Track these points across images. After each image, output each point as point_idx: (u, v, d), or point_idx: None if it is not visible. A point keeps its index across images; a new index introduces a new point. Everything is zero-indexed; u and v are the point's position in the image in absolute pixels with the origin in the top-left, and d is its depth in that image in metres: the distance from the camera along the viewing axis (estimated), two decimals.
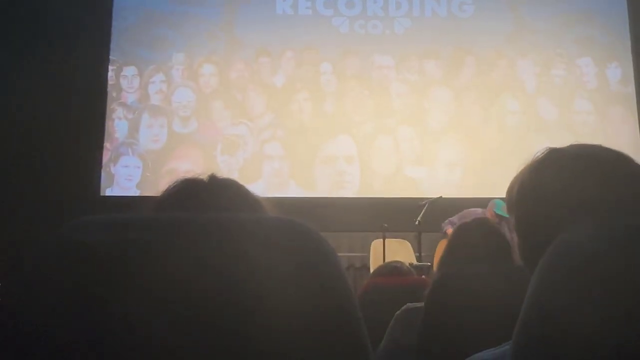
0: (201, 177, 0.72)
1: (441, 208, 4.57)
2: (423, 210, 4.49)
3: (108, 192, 5.35)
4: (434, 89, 5.58)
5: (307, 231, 0.41)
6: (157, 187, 5.33)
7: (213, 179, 0.72)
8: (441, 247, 4.40)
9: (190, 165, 5.15)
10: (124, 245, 0.39)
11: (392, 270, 1.94)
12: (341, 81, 5.60)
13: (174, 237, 0.40)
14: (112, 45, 5.56)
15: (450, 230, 4.20)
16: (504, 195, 0.80)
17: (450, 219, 4.38)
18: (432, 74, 5.61)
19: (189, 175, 0.73)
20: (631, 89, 5.55)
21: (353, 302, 0.40)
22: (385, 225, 4.57)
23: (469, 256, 1.33)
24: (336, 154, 5.48)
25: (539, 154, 0.75)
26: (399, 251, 4.62)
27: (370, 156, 5.47)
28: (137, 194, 5.38)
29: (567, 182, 0.67)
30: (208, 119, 5.55)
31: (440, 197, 4.56)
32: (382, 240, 4.59)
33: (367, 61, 5.60)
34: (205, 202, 0.68)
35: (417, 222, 4.44)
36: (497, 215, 4.17)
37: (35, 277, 0.38)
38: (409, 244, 4.90)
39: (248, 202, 0.70)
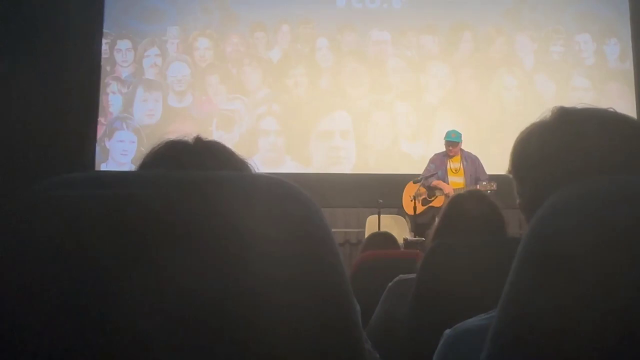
0: (186, 139, 0.71)
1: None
2: (418, 186, 4.49)
3: (103, 166, 5.34)
4: (431, 65, 5.54)
5: (293, 189, 0.39)
6: None
7: (198, 140, 0.70)
8: (408, 190, 4.57)
9: None
10: (105, 199, 0.37)
11: (381, 237, 1.94)
12: (337, 56, 5.56)
13: (159, 191, 0.38)
14: (106, 18, 5.48)
15: (436, 183, 4.40)
16: (502, 172, 0.79)
17: (426, 167, 4.54)
18: (430, 50, 5.56)
19: (174, 137, 0.71)
20: (629, 65, 5.51)
21: (338, 259, 0.39)
22: (381, 201, 4.61)
23: (463, 227, 1.33)
24: (332, 130, 5.47)
25: (547, 113, 0.73)
26: (394, 227, 4.65)
27: (366, 132, 5.47)
28: (132, 169, 5.35)
29: (579, 141, 0.65)
30: (203, 94, 5.52)
31: (437, 173, 4.56)
32: (377, 216, 4.62)
33: (364, 36, 5.56)
34: (190, 162, 0.67)
35: (411, 199, 4.46)
36: (448, 143, 4.43)
37: (8, 235, 0.36)
38: (403, 220, 4.93)
39: (234, 163, 0.69)
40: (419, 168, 5.12)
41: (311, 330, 0.36)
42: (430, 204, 4.51)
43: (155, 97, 5.52)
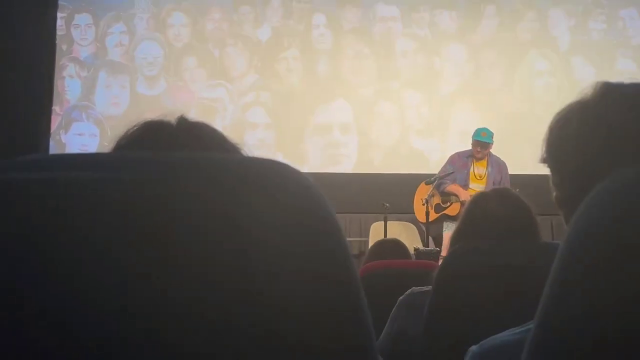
0: (168, 119, 0.71)
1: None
2: (432, 188, 4.48)
3: None
4: (447, 46, 5.54)
5: (295, 173, 0.40)
6: None
7: (183, 121, 0.71)
8: (420, 192, 4.56)
9: None
10: (64, 184, 0.38)
11: (390, 244, 1.94)
12: (337, 36, 5.56)
13: (134, 175, 0.38)
14: None
15: (452, 188, 4.38)
16: (530, 172, 0.78)
17: (443, 167, 4.50)
18: (446, 28, 5.56)
19: (152, 117, 0.72)
20: None
21: (346, 250, 0.40)
22: (387, 205, 4.59)
23: (487, 230, 1.33)
24: (330, 123, 5.47)
25: (588, 90, 0.74)
26: (403, 235, 4.65)
27: (370, 125, 5.47)
28: None
29: (627, 121, 0.66)
30: (179, 79, 5.53)
31: (452, 172, 4.55)
32: (383, 222, 4.61)
33: (368, 12, 5.56)
34: (173, 146, 0.67)
35: (423, 203, 4.45)
36: (477, 143, 4.39)
37: None
38: (414, 227, 4.94)
39: (225, 147, 0.70)
40: (431, 167, 5.10)
41: (316, 333, 0.37)
42: (444, 212, 4.51)
43: (121, 83, 5.51)
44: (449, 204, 4.53)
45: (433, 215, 4.48)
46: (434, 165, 5.13)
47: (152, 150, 0.66)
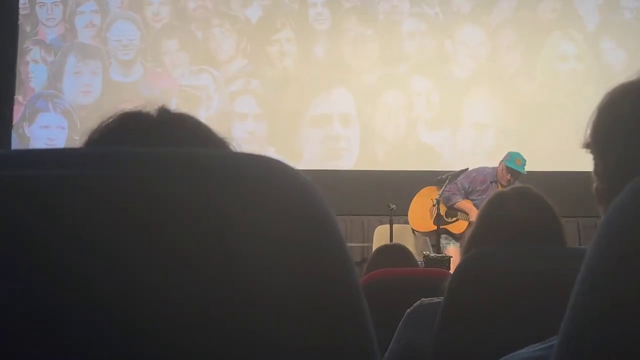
0: (146, 110, 0.72)
1: None
2: (443, 187, 4.50)
3: None
4: (460, 27, 5.55)
5: (287, 170, 0.42)
6: None
7: (164, 112, 0.72)
8: (416, 205, 4.53)
9: None
10: (39, 181, 0.39)
11: (396, 248, 1.95)
12: (336, 16, 5.56)
13: (112, 172, 0.40)
14: None
15: (463, 204, 4.33)
16: (553, 169, 0.78)
17: (458, 180, 4.45)
18: (459, 6, 5.56)
19: (129, 108, 0.72)
20: None
21: (346, 254, 0.41)
22: (393, 206, 4.58)
23: (506, 233, 1.33)
24: (329, 114, 5.48)
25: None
26: (410, 240, 4.66)
27: (373, 116, 5.47)
28: None
29: None
30: (158, 65, 5.52)
31: (467, 169, 4.57)
32: (388, 226, 4.60)
33: None
34: (154, 140, 0.68)
35: (434, 203, 4.46)
36: (510, 170, 4.29)
37: None
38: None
39: (211, 141, 0.71)
40: (442, 163, 5.11)
41: (313, 337, 0.39)
42: (447, 226, 4.47)
43: (93, 69, 5.49)
44: (454, 219, 4.50)
45: (430, 226, 4.46)
46: (445, 161, 5.14)
47: (129, 145, 0.67)
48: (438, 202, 4.41)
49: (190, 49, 5.54)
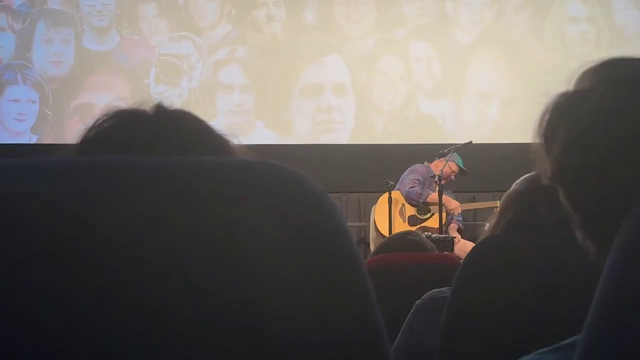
0: (142, 107, 0.73)
1: (471, 158, 4.61)
2: (446, 162, 4.52)
3: None
4: None
5: (303, 180, 0.43)
6: (62, 130, 5.37)
7: (161, 110, 0.73)
8: (381, 214, 4.61)
9: (111, 98, 5.12)
10: (29, 199, 0.41)
11: (407, 244, 1.94)
12: None
13: (112, 187, 0.41)
14: None
15: (434, 197, 4.45)
16: None
17: (410, 177, 4.59)
18: None
19: (123, 105, 0.74)
20: None
21: (359, 268, 0.43)
22: (392, 183, 4.60)
23: (535, 222, 1.29)
24: (321, 83, 5.46)
25: (589, 67, 0.71)
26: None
27: (370, 85, 5.46)
28: (33, 141, 5.36)
29: None
30: (135, 31, 5.48)
31: (470, 142, 4.60)
32: (387, 204, 4.58)
33: None
34: (153, 139, 0.69)
35: (435, 179, 4.48)
36: (460, 170, 4.55)
37: None
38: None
39: (213, 143, 0.72)
40: (444, 136, 5.10)
41: (328, 350, 0.41)
42: (423, 224, 4.55)
43: (64, 37, 5.46)
44: (429, 214, 4.60)
45: (402, 227, 4.48)
46: (447, 133, 5.13)
47: (126, 145, 0.69)
48: (404, 205, 4.52)
49: (170, 14, 5.49)
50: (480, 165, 4.68)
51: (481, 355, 1.14)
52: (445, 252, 2.88)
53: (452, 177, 4.58)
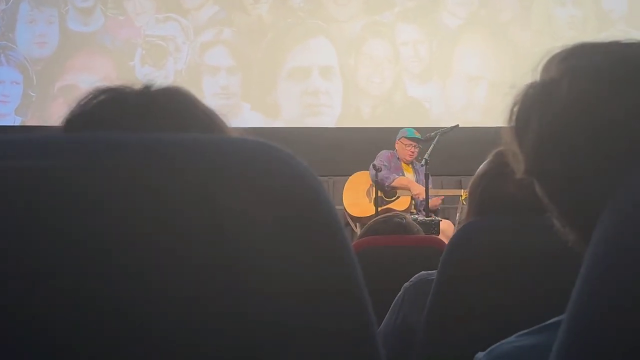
0: (130, 86, 0.72)
1: (458, 141, 4.62)
2: (432, 145, 4.53)
3: None
4: None
5: (288, 158, 0.43)
6: (46, 112, 5.33)
7: (149, 89, 0.73)
8: (349, 192, 4.71)
9: (95, 80, 5.09)
10: (14, 174, 0.40)
11: (394, 227, 1.95)
12: None
13: (99, 163, 0.41)
14: None
15: (400, 182, 4.53)
16: None
17: (376, 163, 4.60)
18: None
19: (110, 84, 0.73)
20: None
21: (346, 246, 0.43)
22: (379, 166, 4.58)
23: (506, 205, 1.32)
24: (308, 66, 5.46)
25: (556, 52, 0.69)
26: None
27: (357, 68, 5.46)
28: (16, 123, 5.34)
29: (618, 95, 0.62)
30: (120, 12, 5.45)
31: (457, 125, 4.62)
32: (374, 189, 4.63)
33: None
34: (141, 120, 0.69)
35: (423, 162, 4.50)
36: (413, 140, 4.59)
37: None
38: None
39: (204, 121, 0.71)
40: (431, 119, 5.11)
41: (315, 342, 0.41)
42: (389, 205, 4.59)
43: (48, 17, 5.42)
44: (395, 197, 4.66)
45: (370, 210, 4.53)
46: (434, 116, 5.15)
47: (115, 122, 0.68)
48: (372, 186, 4.58)
49: None
50: (467, 149, 4.68)
51: (466, 335, 1.12)
52: (432, 234, 2.90)
53: (413, 151, 4.62)
